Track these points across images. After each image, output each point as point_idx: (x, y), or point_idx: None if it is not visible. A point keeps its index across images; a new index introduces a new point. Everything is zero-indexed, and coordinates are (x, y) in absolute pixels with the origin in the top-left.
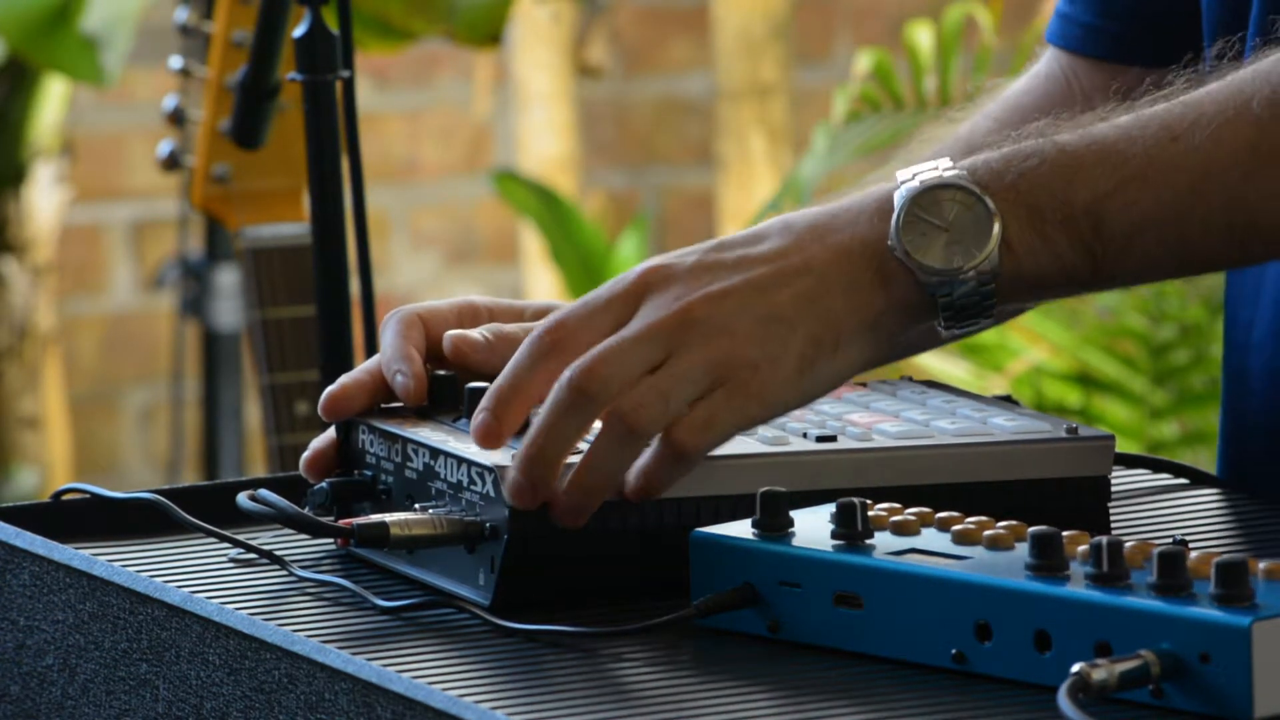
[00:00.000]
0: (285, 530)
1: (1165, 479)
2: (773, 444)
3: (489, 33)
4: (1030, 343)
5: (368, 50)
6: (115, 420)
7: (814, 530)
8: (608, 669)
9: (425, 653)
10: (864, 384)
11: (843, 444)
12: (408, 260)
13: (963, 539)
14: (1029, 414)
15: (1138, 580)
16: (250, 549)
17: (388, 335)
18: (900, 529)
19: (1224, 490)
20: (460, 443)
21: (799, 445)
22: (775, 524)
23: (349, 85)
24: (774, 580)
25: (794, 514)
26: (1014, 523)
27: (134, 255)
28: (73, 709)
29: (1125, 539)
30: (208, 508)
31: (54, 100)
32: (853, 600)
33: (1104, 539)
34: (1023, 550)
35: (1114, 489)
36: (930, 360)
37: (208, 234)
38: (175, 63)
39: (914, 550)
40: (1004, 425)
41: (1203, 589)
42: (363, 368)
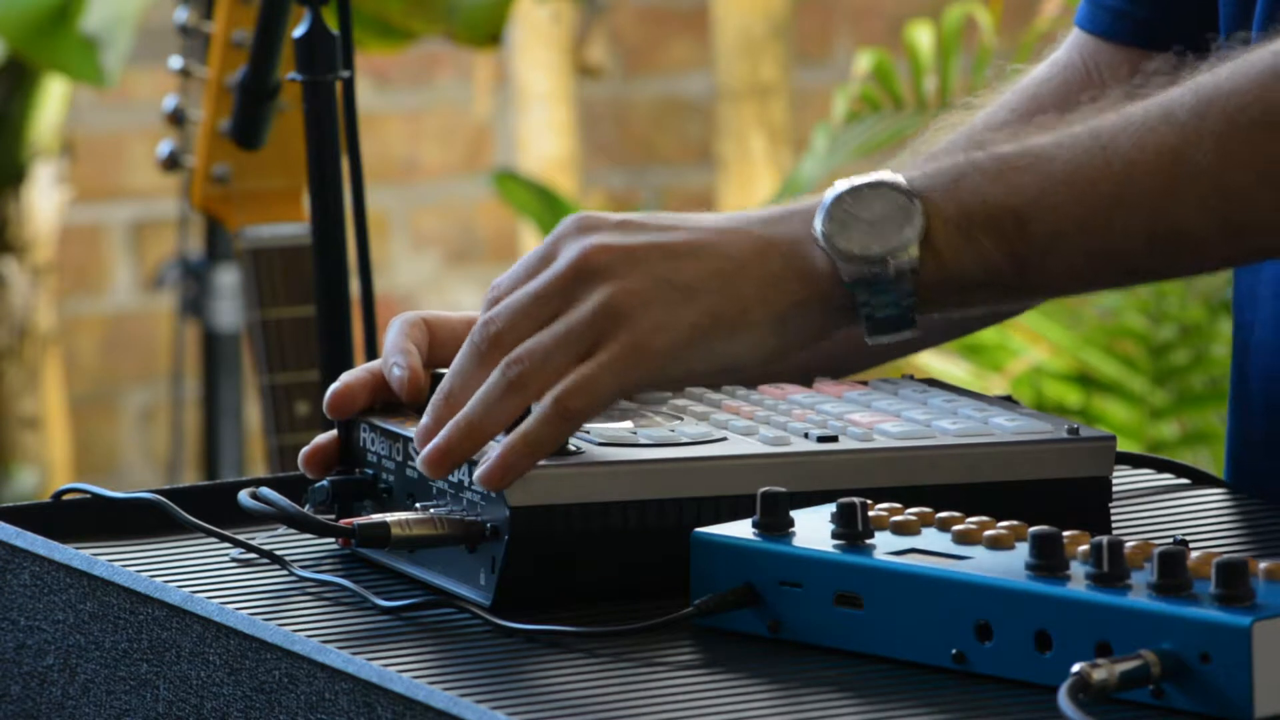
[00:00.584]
0: (286, 530)
1: (1167, 479)
2: (774, 444)
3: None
4: (1030, 343)
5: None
6: (115, 420)
7: (814, 530)
8: (608, 669)
9: (425, 653)
10: (865, 383)
11: (844, 444)
12: (408, 260)
13: (963, 539)
14: (1030, 414)
15: (1138, 580)
16: (251, 549)
17: (389, 334)
18: (901, 529)
19: (1225, 490)
20: None
21: (800, 445)
22: (776, 524)
23: (349, 85)
24: (774, 580)
25: (794, 514)
26: (1014, 523)
27: (134, 255)
28: (73, 709)
29: (1126, 539)
30: (208, 508)
31: (54, 100)
32: (853, 600)
33: (1104, 539)
34: (1023, 550)
35: (1115, 489)
36: (930, 360)
37: (208, 234)
38: (175, 63)
39: (914, 550)
40: (1005, 425)
41: (1203, 589)
42: (366, 366)
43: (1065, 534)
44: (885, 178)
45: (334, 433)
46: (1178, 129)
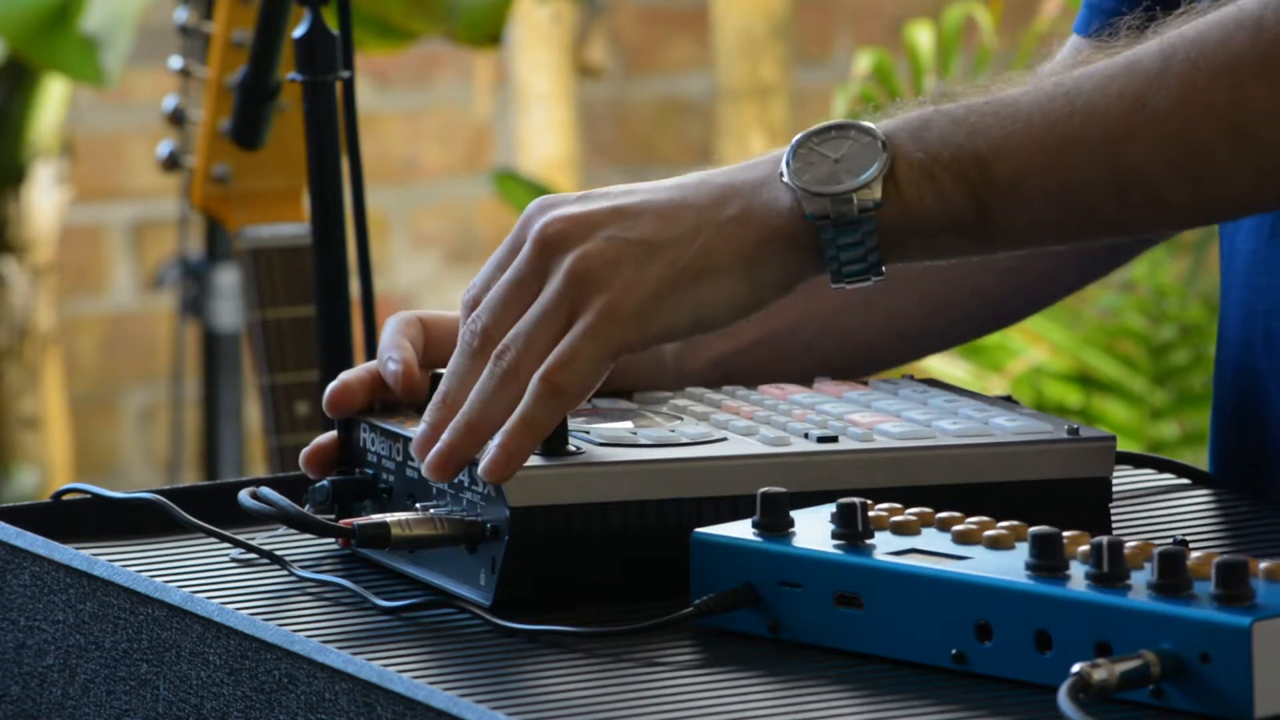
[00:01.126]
0: (286, 530)
1: (1167, 479)
2: (774, 444)
3: (489, 33)
4: (1030, 343)
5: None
6: (115, 420)
7: (814, 530)
8: (608, 669)
9: (426, 653)
10: (865, 383)
11: (844, 444)
12: (408, 260)
13: (963, 539)
14: (1030, 414)
15: (1138, 580)
16: (251, 549)
17: (385, 332)
18: (901, 529)
19: (1225, 491)
20: None
21: (800, 446)
22: (776, 524)
23: (349, 85)
24: (774, 580)
25: (794, 514)
26: (1014, 523)
27: (134, 255)
28: (73, 709)
29: (1126, 539)
30: (208, 508)
31: (54, 100)
32: (853, 600)
33: (1104, 539)
34: (1023, 550)
35: (1115, 489)
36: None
37: (208, 234)
38: (175, 63)
39: (914, 550)
40: (1005, 426)
41: (1203, 589)
42: (365, 365)
43: (1065, 534)
44: (852, 121)
45: (335, 433)
46: (1141, 75)
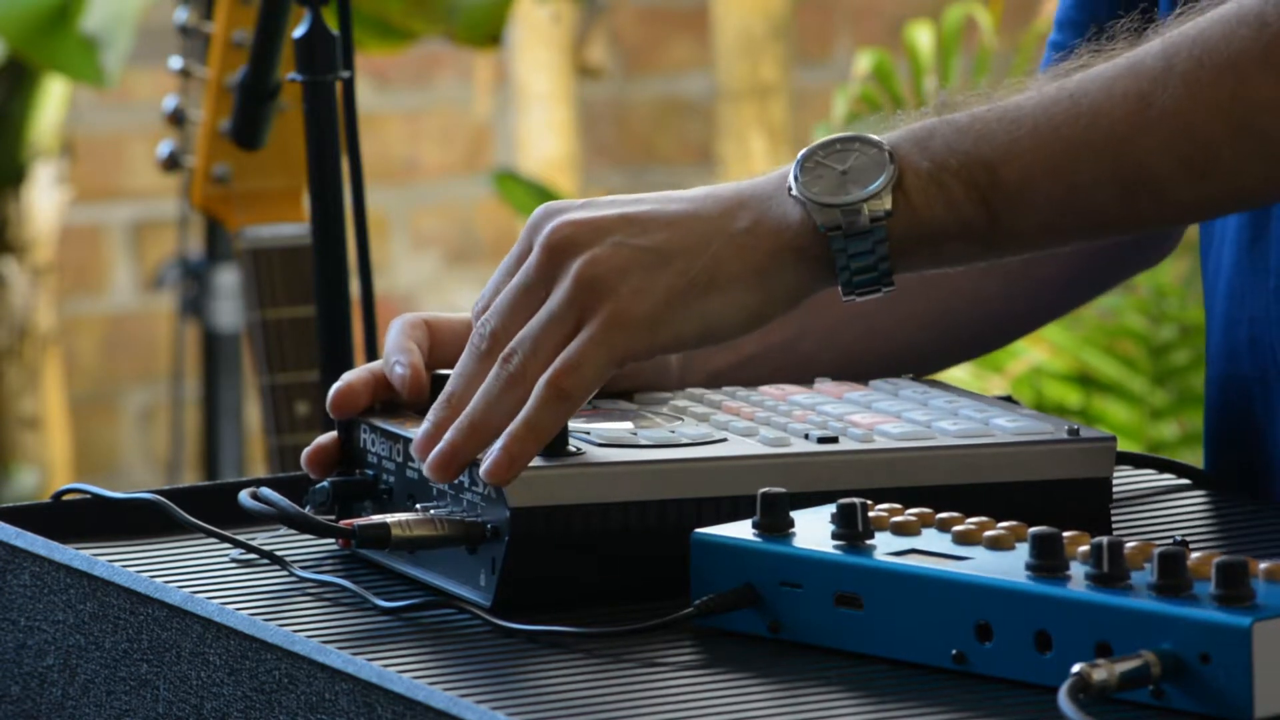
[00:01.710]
0: (286, 530)
1: (1167, 479)
2: (774, 445)
3: (489, 33)
4: (1030, 343)
5: (368, 50)
6: (115, 420)
7: (814, 531)
8: (608, 669)
9: (426, 653)
10: (866, 383)
11: (844, 445)
12: (408, 260)
13: (963, 539)
14: (1030, 415)
15: (1138, 581)
16: (251, 549)
17: (390, 334)
18: (901, 529)
19: (1225, 491)
20: None
21: (800, 446)
22: (776, 524)
23: (349, 85)
24: (774, 580)
25: (794, 514)
26: (1014, 523)
27: (134, 255)
28: (73, 709)
29: (1126, 539)
30: (208, 508)
31: (54, 100)
32: (853, 600)
33: (1104, 539)
34: (1023, 551)
35: (1116, 489)
36: None
37: (208, 234)
38: (175, 63)
39: (914, 551)
40: (1005, 426)
41: (1203, 589)
42: (367, 366)
43: (1065, 534)
44: (857, 134)
45: (336, 433)
46: (1145, 75)
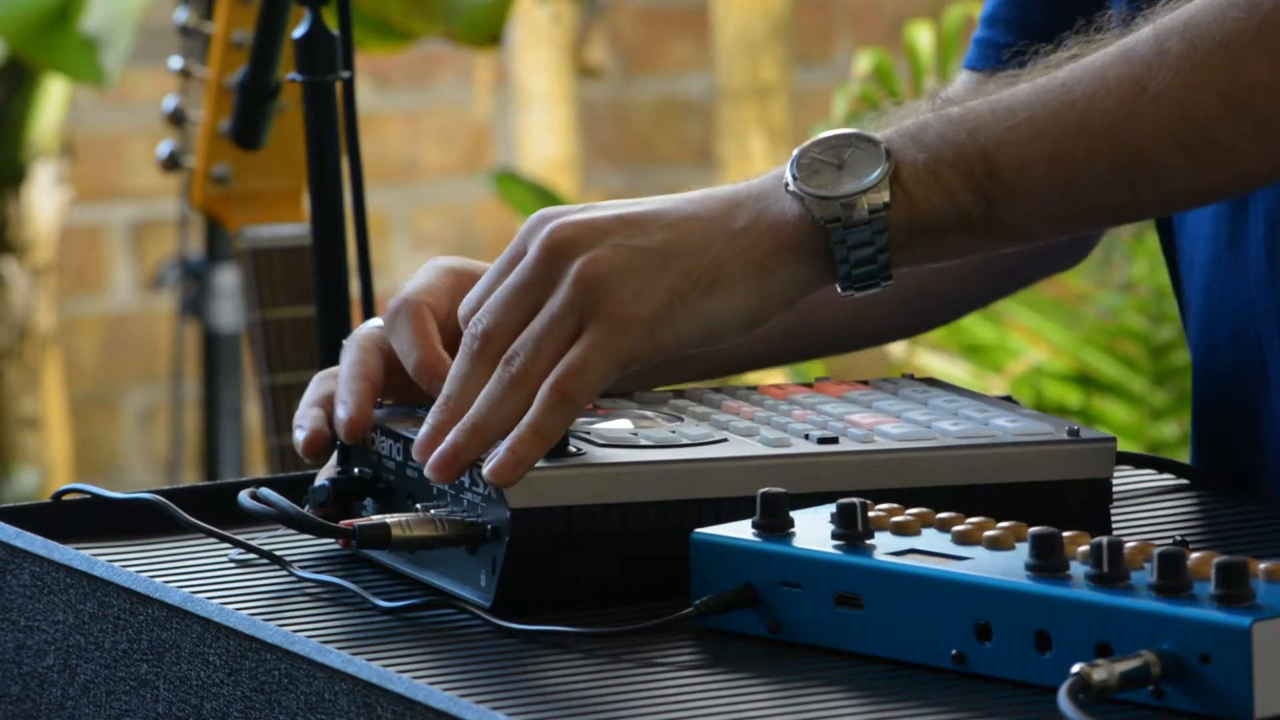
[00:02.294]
0: (285, 530)
1: (1167, 479)
2: (774, 445)
3: (489, 33)
4: (1030, 343)
5: (368, 50)
6: (115, 420)
7: (814, 531)
8: (608, 669)
9: (426, 653)
10: (866, 383)
11: (844, 445)
12: (408, 260)
13: (963, 539)
14: (1031, 415)
15: (1138, 581)
16: (251, 549)
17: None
18: (900, 529)
19: (1225, 491)
20: None
21: (800, 447)
22: (776, 524)
23: (349, 85)
24: (774, 580)
25: (794, 514)
26: (1014, 523)
27: (134, 255)
28: (73, 709)
29: (1126, 539)
30: (208, 508)
31: (54, 100)
32: (853, 600)
33: (1104, 539)
34: (1023, 551)
35: (1116, 489)
36: (931, 361)
37: (208, 234)
38: (175, 63)
39: (914, 551)
40: (1006, 427)
41: (1203, 589)
42: (361, 375)
43: (1065, 534)
44: (851, 131)
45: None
46: (1138, 60)
